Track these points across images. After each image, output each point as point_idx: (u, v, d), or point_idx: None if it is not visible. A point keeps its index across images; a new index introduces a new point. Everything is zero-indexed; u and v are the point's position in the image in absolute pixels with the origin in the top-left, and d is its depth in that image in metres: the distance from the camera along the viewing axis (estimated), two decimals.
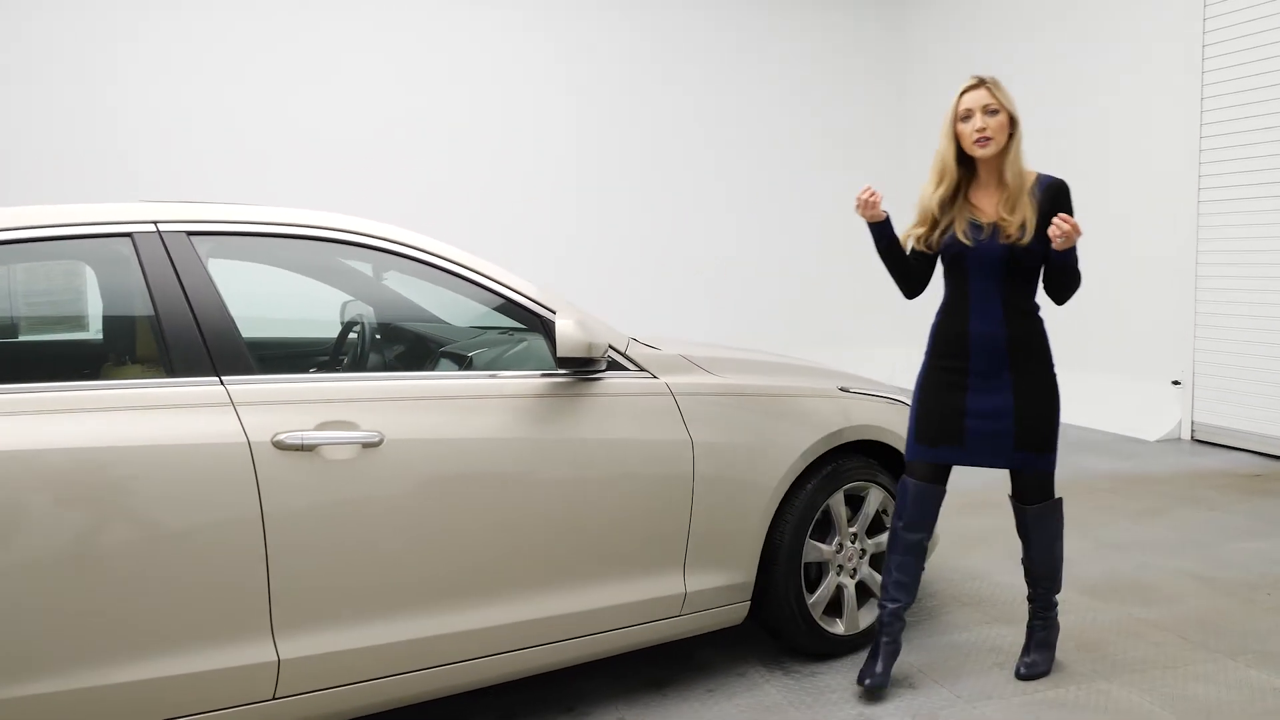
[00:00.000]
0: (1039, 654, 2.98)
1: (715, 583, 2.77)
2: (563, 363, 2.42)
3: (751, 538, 2.82)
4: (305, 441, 2.15)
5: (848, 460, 3.03)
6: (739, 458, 2.77)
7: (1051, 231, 2.58)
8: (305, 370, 2.34)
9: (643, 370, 2.69)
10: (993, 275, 2.73)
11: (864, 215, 2.81)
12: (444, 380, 2.42)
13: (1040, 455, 2.80)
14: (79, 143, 7.20)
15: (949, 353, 2.81)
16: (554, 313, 2.55)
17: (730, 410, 2.79)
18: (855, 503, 3.12)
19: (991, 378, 2.75)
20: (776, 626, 2.98)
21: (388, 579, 2.27)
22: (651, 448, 2.62)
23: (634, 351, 2.71)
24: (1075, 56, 7.72)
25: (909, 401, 3.33)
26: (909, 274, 2.92)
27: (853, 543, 3.08)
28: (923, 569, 2.91)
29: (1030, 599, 3.00)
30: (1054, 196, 2.74)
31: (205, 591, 2.07)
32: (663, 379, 2.71)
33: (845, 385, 3.16)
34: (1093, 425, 7.03)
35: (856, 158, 9.85)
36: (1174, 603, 3.54)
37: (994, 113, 2.69)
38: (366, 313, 2.87)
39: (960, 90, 2.75)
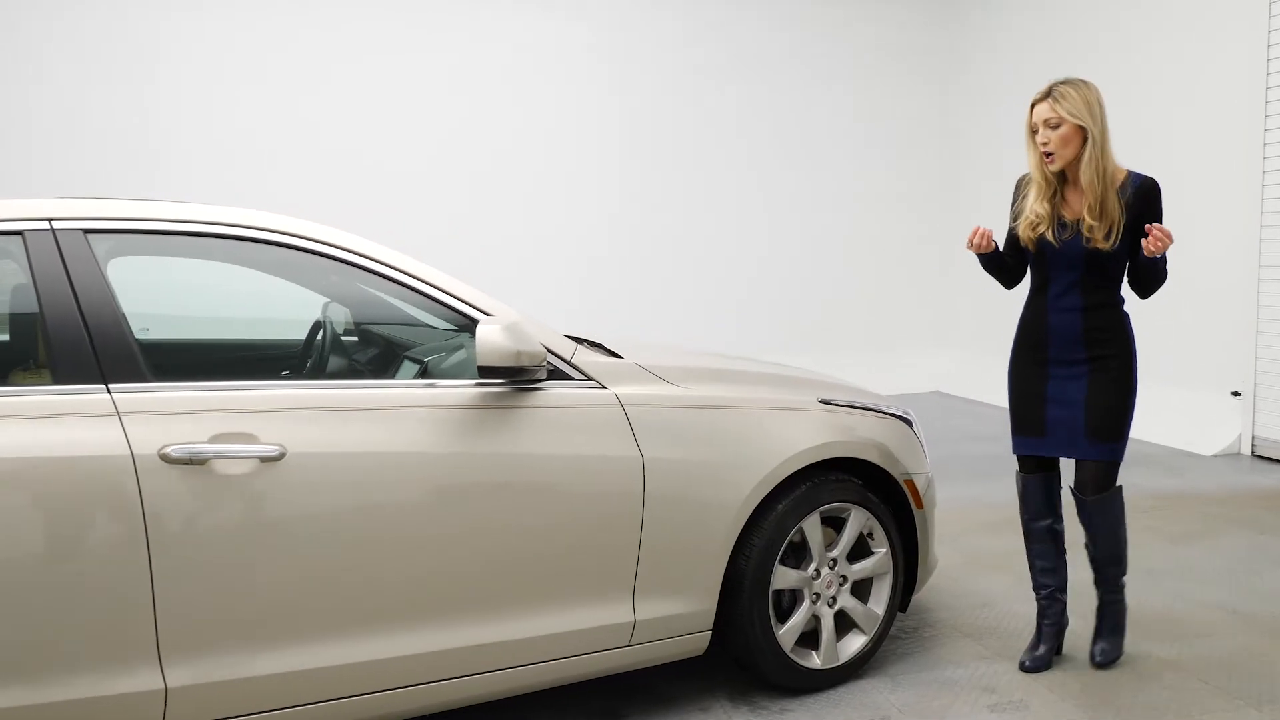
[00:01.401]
0: (1110, 640, 3.00)
1: (669, 610, 2.55)
2: (485, 372, 2.23)
3: (711, 563, 2.59)
4: (195, 454, 1.99)
5: (825, 479, 2.78)
6: (697, 476, 2.55)
7: (1146, 245, 2.64)
8: (214, 377, 2.19)
9: (590, 380, 2.49)
10: (1073, 270, 2.81)
11: (976, 251, 2.88)
12: (358, 389, 2.25)
13: (1106, 445, 2.83)
14: (105, 144, 7.25)
15: (1031, 343, 2.91)
16: (488, 316, 2.36)
17: (688, 424, 2.57)
18: (839, 524, 2.87)
19: (1070, 366, 2.84)
20: (743, 658, 2.75)
21: (289, 604, 2.10)
22: (595, 464, 2.41)
23: (582, 359, 2.51)
24: (1131, 57, 7.28)
25: (903, 415, 3.08)
26: (1007, 270, 3.00)
27: (831, 569, 2.83)
28: (1064, 549, 3.02)
29: (1096, 583, 3.02)
30: (1144, 197, 2.78)
31: (85, 614, 1.94)
32: (612, 389, 2.50)
33: (826, 397, 2.90)
34: (1144, 438, 6.59)
35: (900, 158, 9.48)
36: (1201, 640, 3.21)
37: (1055, 126, 2.73)
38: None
39: (1031, 102, 2.81)
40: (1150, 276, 2.82)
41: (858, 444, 2.83)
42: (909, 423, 3.09)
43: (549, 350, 2.44)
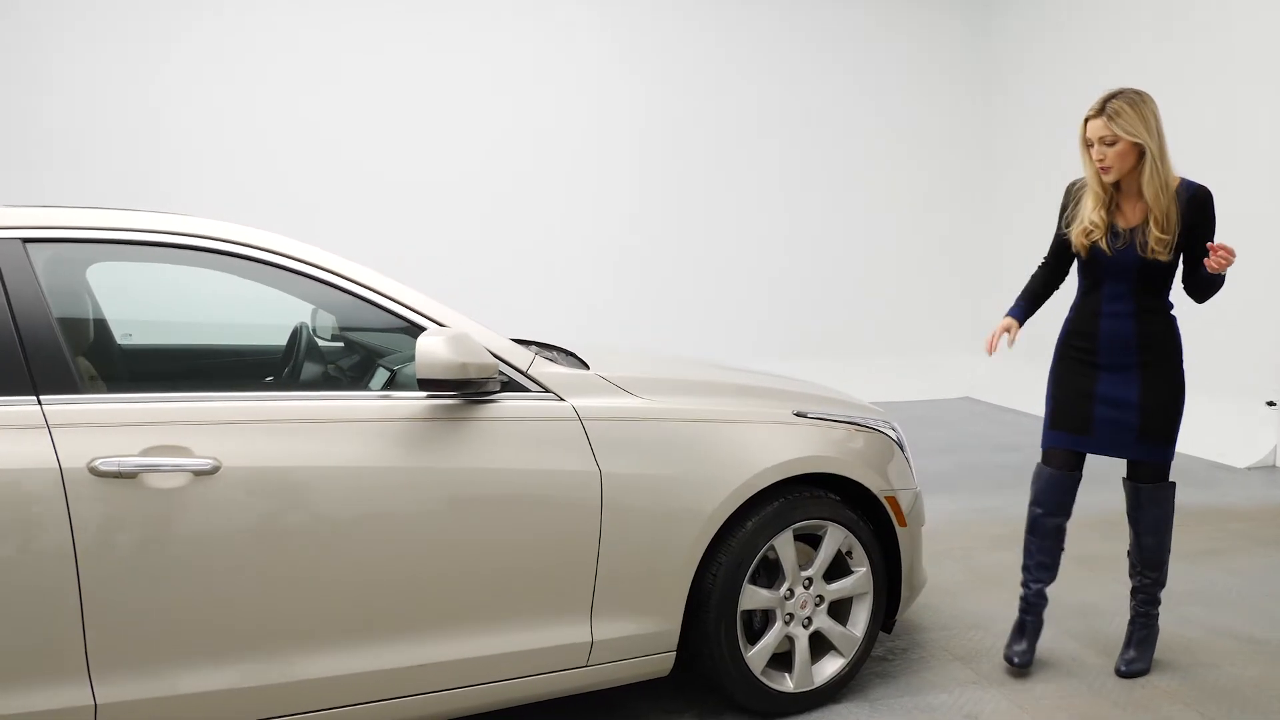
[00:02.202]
0: (1139, 650, 2.99)
1: (629, 631, 2.47)
2: (427, 385, 2.16)
3: (674, 582, 2.50)
4: (124, 468, 1.96)
5: (799, 495, 2.67)
6: (658, 492, 2.46)
7: (1209, 264, 2.65)
8: (160, 388, 2.15)
9: (547, 392, 2.42)
10: (1125, 278, 2.82)
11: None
12: (298, 401, 2.19)
13: (1159, 448, 2.89)
14: (114, 147, 7.33)
15: (1080, 345, 2.92)
16: (440, 326, 2.30)
17: (649, 438, 2.48)
18: (816, 542, 2.76)
19: (1120, 370, 2.85)
20: (710, 680, 2.66)
21: (222, 621, 2.06)
22: (550, 479, 2.34)
23: (540, 371, 2.43)
24: (1168, 61, 7.03)
25: (885, 428, 2.97)
26: (1042, 301, 3.09)
27: (807, 588, 2.73)
28: (1063, 548, 3.01)
29: (1134, 592, 3.03)
30: (1198, 206, 2.77)
31: (13, 630, 1.91)
32: (570, 401, 2.42)
33: (801, 409, 2.80)
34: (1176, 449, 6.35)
35: (932, 159, 9.28)
36: (1206, 669, 3.04)
37: (1111, 144, 2.72)
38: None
39: (1085, 116, 2.79)
40: (1210, 285, 2.84)
41: (832, 459, 2.72)
42: (892, 436, 2.97)
43: (503, 361, 2.37)
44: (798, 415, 2.77)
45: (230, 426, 2.08)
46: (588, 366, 2.65)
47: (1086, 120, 2.78)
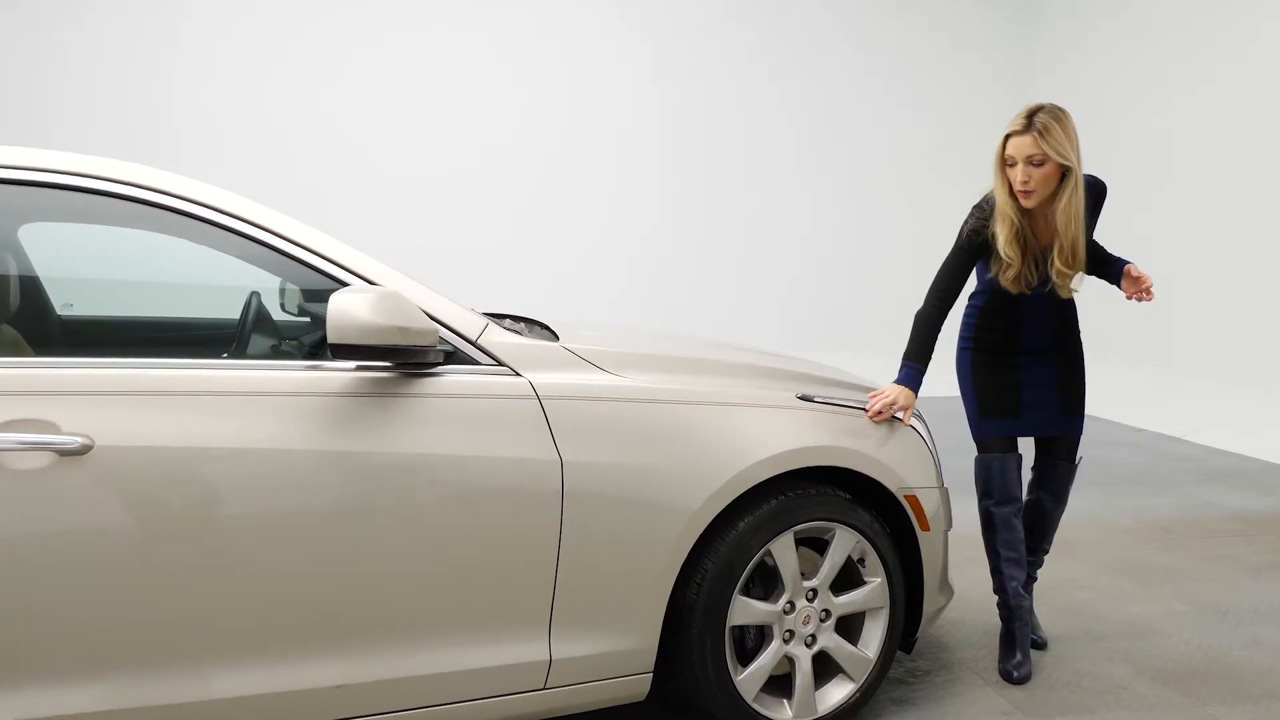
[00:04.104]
0: (1025, 652, 2.79)
1: (596, 649, 2.10)
2: (340, 352, 1.80)
3: (649, 592, 2.12)
4: None
5: (803, 492, 2.29)
6: (631, 485, 2.08)
7: (1131, 294, 2.65)
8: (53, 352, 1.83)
9: (500, 365, 2.05)
10: (1039, 296, 2.72)
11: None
12: (192, 370, 1.84)
13: (1079, 419, 2.87)
14: (127, 128, 7.11)
15: (994, 341, 2.81)
16: (371, 284, 1.94)
17: (623, 421, 2.10)
18: (822, 547, 2.37)
19: (1035, 353, 2.79)
20: (694, 706, 2.28)
21: (96, 630, 1.72)
22: (499, 468, 1.97)
23: (492, 340, 2.06)
24: (1209, 57, 6.53)
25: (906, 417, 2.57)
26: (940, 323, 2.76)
27: (810, 601, 2.34)
28: (1023, 538, 2.84)
29: (1030, 580, 2.96)
30: (1096, 199, 2.68)
31: None
32: (527, 377, 2.05)
33: (807, 393, 2.41)
34: (1228, 447, 5.86)
35: (962, 157, 8.80)
36: (1273, 700, 2.61)
37: (1038, 164, 2.49)
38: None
39: (1005, 133, 2.55)
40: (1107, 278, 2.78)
41: (842, 450, 2.32)
42: (915, 426, 2.57)
43: (445, 327, 2.01)
44: (802, 399, 2.38)
45: (108, 399, 1.73)
46: (544, 338, 2.28)
47: (1008, 137, 2.52)
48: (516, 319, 2.77)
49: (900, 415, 2.52)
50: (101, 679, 1.73)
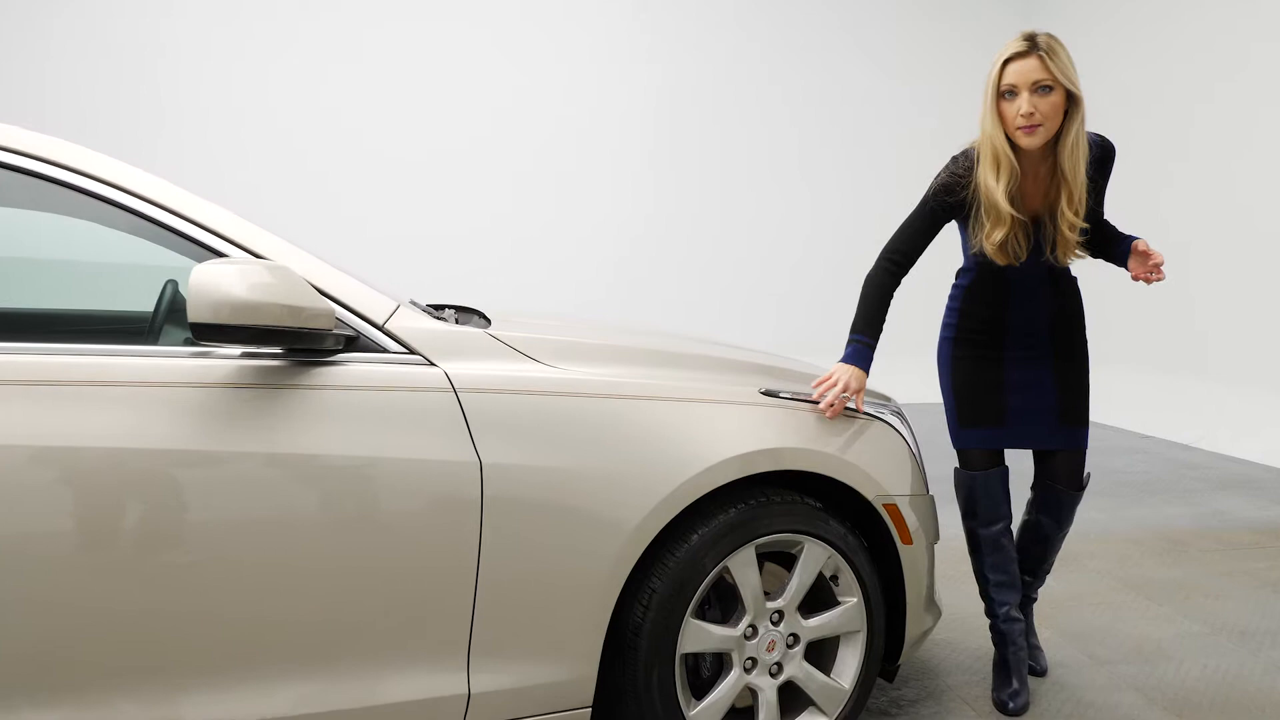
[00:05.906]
0: (1024, 681, 2.49)
1: (522, 680, 1.82)
2: (204, 333, 1.53)
3: (587, 614, 1.85)
4: None
5: (766, 501, 2.01)
6: (564, 491, 1.81)
7: (1139, 276, 2.33)
8: None
9: (411, 353, 1.78)
10: (1034, 274, 2.37)
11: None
12: (53, 356, 1.57)
13: (1081, 430, 2.45)
14: (118, 126, 6.88)
15: (980, 330, 2.43)
16: (258, 257, 1.67)
17: (554, 419, 1.83)
18: (789, 562, 2.10)
19: (1029, 349, 2.41)
20: None
21: None
22: (406, 471, 1.69)
23: (402, 325, 1.79)
24: (1210, 57, 6.27)
25: (886, 414, 2.29)
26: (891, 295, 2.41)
27: (775, 624, 2.06)
28: (1014, 558, 2.51)
29: (1025, 603, 2.65)
30: (1103, 163, 2.30)
31: None
32: (443, 367, 1.78)
33: (772, 387, 2.13)
34: (1245, 455, 5.57)
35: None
36: None
37: (1046, 90, 2.12)
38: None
39: (1003, 57, 2.16)
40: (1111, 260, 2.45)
41: (811, 453, 2.04)
42: (896, 427, 2.29)
43: (346, 308, 1.74)
44: (766, 394, 2.10)
45: None
46: (468, 321, 2.02)
47: (1007, 62, 2.14)
48: (457, 309, 2.51)
49: (853, 402, 2.18)
50: None
